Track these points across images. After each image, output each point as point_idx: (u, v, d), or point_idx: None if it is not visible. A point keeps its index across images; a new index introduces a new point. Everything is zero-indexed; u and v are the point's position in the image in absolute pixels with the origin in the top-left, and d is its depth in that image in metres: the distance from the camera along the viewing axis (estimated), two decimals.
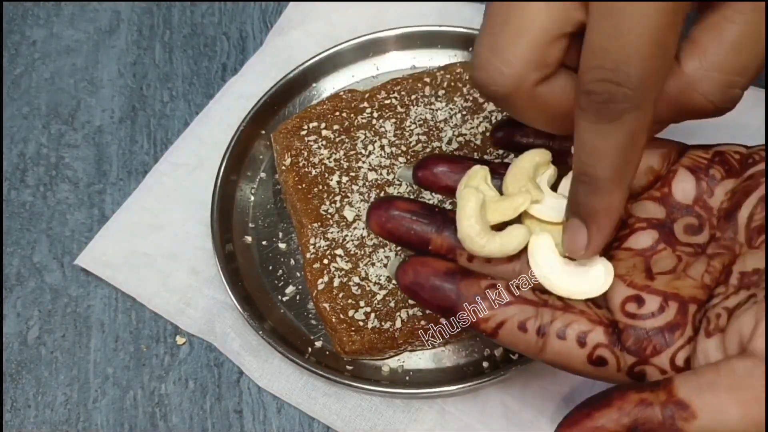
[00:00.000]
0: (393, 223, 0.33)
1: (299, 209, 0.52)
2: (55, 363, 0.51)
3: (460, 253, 0.33)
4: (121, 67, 0.64)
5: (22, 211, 0.58)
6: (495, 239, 0.32)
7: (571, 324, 0.31)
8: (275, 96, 0.58)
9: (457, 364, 0.48)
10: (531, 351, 0.31)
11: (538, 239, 0.33)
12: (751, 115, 0.54)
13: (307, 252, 0.50)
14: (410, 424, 0.46)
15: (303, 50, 0.60)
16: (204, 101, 0.61)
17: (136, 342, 0.52)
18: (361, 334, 0.47)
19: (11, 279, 0.55)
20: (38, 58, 0.65)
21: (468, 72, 0.55)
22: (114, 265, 0.53)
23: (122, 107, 0.62)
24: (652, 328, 0.30)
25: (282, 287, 0.52)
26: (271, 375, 0.49)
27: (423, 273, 0.32)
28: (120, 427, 0.49)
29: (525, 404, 0.46)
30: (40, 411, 0.50)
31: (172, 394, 0.50)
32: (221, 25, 0.66)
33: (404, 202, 0.34)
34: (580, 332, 0.31)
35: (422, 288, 0.32)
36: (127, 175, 0.59)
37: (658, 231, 0.33)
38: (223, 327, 0.50)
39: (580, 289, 0.31)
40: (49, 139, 0.61)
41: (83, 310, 0.53)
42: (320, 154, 0.54)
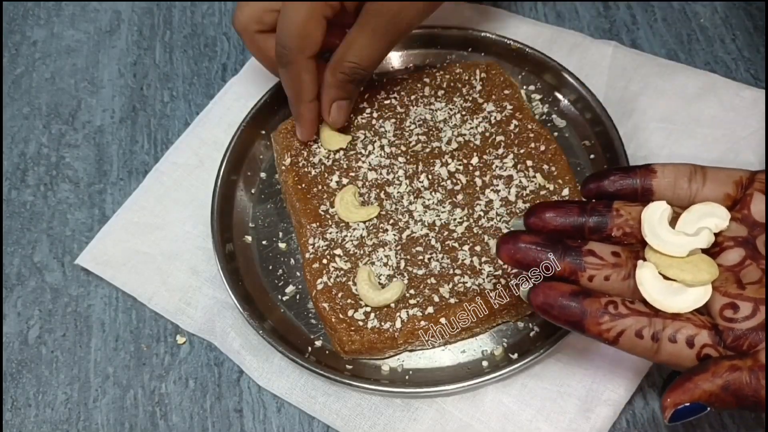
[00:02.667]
0: (521, 254, 0.39)
1: (298, 209, 0.52)
2: (56, 362, 0.52)
3: (581, 274, 0.39)
4: (121, 67, 0.64)
5: (23, 210, 0.58)
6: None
7: (680, 329, 0.37)
8: (275, 96, 0.58)
9: (457, 363, 0.48)
10: (647, 354, 0.37)
11: (643, 271, 0.38)
12: (751, 115, 0.54)
13: (306, 252, 0.50)
14: (410, 423, 0.47)
15: None
16: (204, 101, 0.61)
17: (136, 341, 0.52)
18: (360, 334, 0.47)
19: (12, 278, 0.55)
20: (39, 58, 0.65)
21: (447, 67, 0.57)
22: (114, 264, 0.54)
23: (123, 107, 0.62)
24: (747, 328, 0.37)
25: (282, 287, 0.52)
26: (271, 374, 0.49)
27: (552, 295, 0.38)
28: (120, 426, 0.49)
29: (524, 404, 0.46)
30: (40, 410, 0.50)
31: (173, 394, 0.50)
32: (221, 25, 0.66)
33: (528, 235, 0.40)
34: (688, 336, 0.37)
35: (552, 307, 0.38)
36: (127, 174, 0.59)
37: (743, 248, 0.39)
38: (224, 326, 0.50)
39: (684, 305, 0.38)
40: (50, 138, 0.61)
41: (84, 309, 0.53)
42: (320, 154, 0.54)
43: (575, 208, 0.41)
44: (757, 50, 0.59)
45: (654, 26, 0.61)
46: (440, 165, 0.52)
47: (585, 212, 0.40)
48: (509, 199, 0.51)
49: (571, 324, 0.38)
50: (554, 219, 0.40)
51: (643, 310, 0.38)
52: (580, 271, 0.39)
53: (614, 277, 0.39)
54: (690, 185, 0.40)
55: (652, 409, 0.47)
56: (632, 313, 0.37)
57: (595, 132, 0.55)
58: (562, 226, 0.40)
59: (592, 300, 0.38)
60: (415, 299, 0.48)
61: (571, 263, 0.39)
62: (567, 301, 0.38)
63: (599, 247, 0.39)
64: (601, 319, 0.37)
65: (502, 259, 0.40)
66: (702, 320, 0.37)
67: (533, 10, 0.63)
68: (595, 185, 0.42)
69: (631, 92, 0.56)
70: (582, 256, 0.39)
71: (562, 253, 0.39)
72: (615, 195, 0.41)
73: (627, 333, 0.37)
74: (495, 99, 0.55)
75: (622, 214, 0.40)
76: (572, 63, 0.57)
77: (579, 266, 0.39)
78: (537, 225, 0.41)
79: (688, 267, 0.38)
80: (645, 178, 0.41)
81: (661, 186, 0.40)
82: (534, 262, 0.39)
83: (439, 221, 0.50)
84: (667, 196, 0.40)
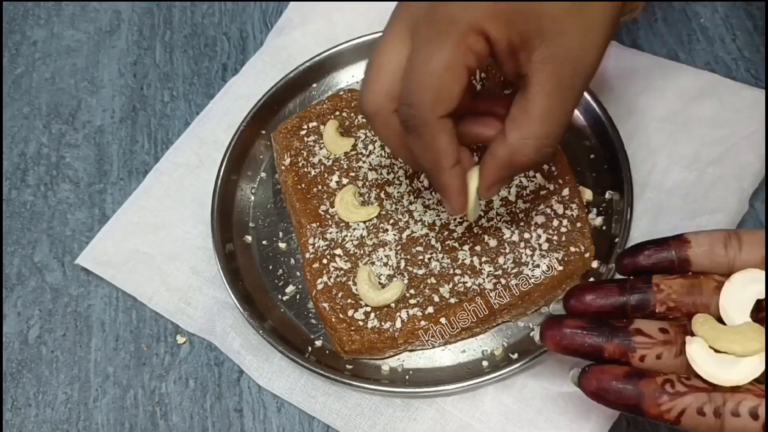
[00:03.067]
0: (568, 340, 0.38)
1: (298, 209, 0.52)
2: (56, 362, 0.52)
3: (631, 355, 0.38)
4: (121, 67, 0.64)
5: (23, 210, 0.58)
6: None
7: (741, 402, 0.36)
8: (275, 96, 0.58)
9: (457, 363, 0.48)
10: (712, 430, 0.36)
11: (693, 346, 0.37)
12: (751, 115, 0.54)
13: (306, 252, 0.50)
14: (410, 423, 0.47)
15: (303, 50, 0.60)
16: (204, 101, 0.61)
17: (136, 341, 0.52)
18: (360, 334, 0.47)
19: (12, 278, 0.55)
20: (39, 58, 0.65)
21: None
22: (114, 264, 0.54)
23: (123, 107, 0.62)
24: None
25: (282, 287, 0.52)
26: (272, 374, 0.49)
27: (605, 379, 0.37)
28: (120, 426, 0.49)
29: (524, 404, 0.46)
30: (40, 410, 0.50)
31: (173, 393, 0.50)
32: (222, 25, 0.66)
33: (573, 320, 0.38)
34: (750, 408, 0.35)
35: (607, 392, 0.37)
36: (127, 174, 0.59)
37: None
38: (224, 326, 0.50)
39: (741, 376, 0.36)
40: (50, 138, 0.61)
41: (84, 309, 0.53)
42: (320, 154, 0.54)
43: (615, 287, 0.39)
44: (757, 50, 0.59)
45: (654, 26, 0.61)
46: None
47: (625, 291, 0.39)
48: (509, 198, 0.51)
49: (629, 408, 0.36)
50: (595, 300, 0.39)
51: (701, 386, 0.36)
52: (630, 352, 0.37)
53: (666, 354, 0.38)
54: (727, 252, 0.39)
55: None
56: (690, 390, 0.36)
57: (595, 132, 0.54)
58: (603, 308, 0.39)
59: (647, 381, 0.36)
60: (415, 299, 0.48)
61: (620, 345, 0.37)
62: (622, 384, 0.36)
63: (646, 325, 0.38)
64: (660, 400, 0.36)
65: (548, 347, 0.38)
66: (761, 389, 0.36)
67: None
68: (631, 261, 0.40)
69: (631, 92, 0.56)
70: (630, 336, 0.38)
71: (609, 335, 0.38)
72: (651, 269, 0.40)
73: (688, 411, 0.36)
74: None
75: (663, 289, 0.39)
76: None
77: (629, 347, 0.37)
78: (578, 308, 0.39)
79: (737, 338, 0.37)
80: (679, 249, 0.39)
81: (698, 255, 0.39)
82: (582, 347, 0.38)
83: (439, 221, 0.50)
84: (705, 264, 0.39)
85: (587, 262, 0.48)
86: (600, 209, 0.52)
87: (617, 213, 0.51)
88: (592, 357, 0.38)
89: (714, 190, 0.51)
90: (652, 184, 0.52)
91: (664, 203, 0.51)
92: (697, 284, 0.39)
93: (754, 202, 0.52)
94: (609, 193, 0.52)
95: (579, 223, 0.49)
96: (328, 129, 0.54)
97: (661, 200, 0.52)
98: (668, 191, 0.52)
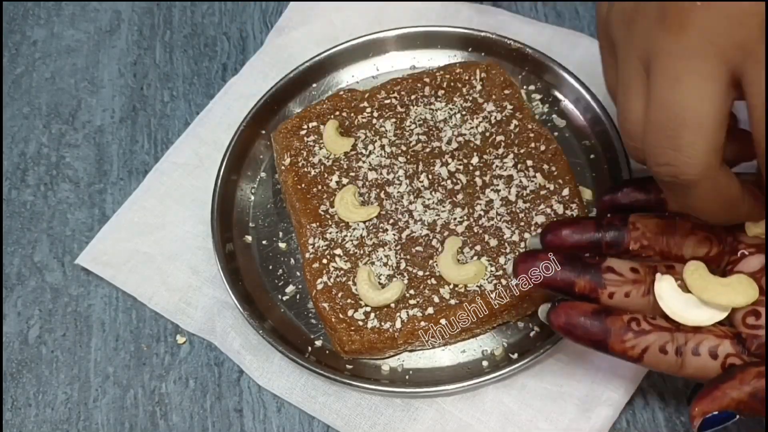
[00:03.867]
0: (540, 273, 0.39)
1: (298, 209, 0.52)
2: (56, 362, 0.52)
3: (601, 292, 0.38)
4: (121, 66, 0.64)
5: (23, 210, 0.58)
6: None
7: (702, 342, 0.37)
8: (275, 96, 0.58)
9: (457, 363, 0.48)
10: (672, 370, 0.37)
11: (661, 284, 0.38)
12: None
13: (306, 252, 0.50)
14: (410, 423, 0.47)
15: (303, 50, 0.60)
16: (204, 101, 0.61)
17: (136, 341, 0.52)
18: (360, 334, 0.47)
19: (12, 278, 0.55)
20: (39, 57, 0.65)
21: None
22: (114, 264, 0.54)
23: (123, 107, 0.62)
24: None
25: (282, 286, 0.52)
26: (271, 374, 0.49)
27: (573, 315, 0.38)
28: (120, 426, 0.49)
29: (524, 404, 0.46)
30: (40, 410, 0.50)
31: (173, 393, 0.50)
32: (221, 25, 0.66)
33: (545, 253, 0.39)
34: (710, 347, 0.36)
35: (575, 327, 0.37)
36: (127, 174, 0.59)
37: (764, 254, 0.38)
38: (224, 326, 0.50)
39: (705, 317, 0.37)
40: (50, 138, 0.61)
41: (84, 309, 0.53)
42: (320, 154, 0.54)
43: (591, 223, 0.40)
44: None
45: None
46: (440, 165, 0.52)
47: (601, 228, 0.40)
48: (509, 198, 0.51)
49: (595, 343, 0.37)
50: (571, 236, 0.40)
51: (665, 325, 0.37)
52: (600, 289, 0.38)
53: (634, 293, 0.38)
54: None
55: (652, 409, 0.47)
56: (654, 329, 0.37)
57: (595, 132, 0.55)
58: (579, 243, 0.40)
59: (614, 318, 0.37)
60: (415, 299, 0.48)
61: (591, 280, 0.38)
62: (590, 320, 0.37)
63: (618, 263, 0.39)
64: (625, 337, 0.37)
65: (520, 279, 0.39)
66: (723, 330, 0.37)
67: (533, 10, 0.63)
68: (609, 198, 0.41)
69: None
70: (601, 273, 0.38)
71: (581, 270, 0.38)
72: (630, 207, 0.41)
73: (651, 349, 0.37)
74: (495, 99, 0.55)
75: (639, 227, 0.39)
76: (572, 63, 0.57)
77: (599, 283, 0.38)
78: (554, 242, 0.40)
79: (725, 290, 0.37)
80: (659, 190, 0.40)
81: None
82: (553, 280, 0.39)
83: (440, 221, 0.50)
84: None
85: None
86: None
87: None
88: (563, 291, 0.39)
89: None
90: None
91: None
92: (672, 224, 0.39)
93: None
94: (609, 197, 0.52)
95: None
96: (328, 129, 0.54)
97: None
98: None
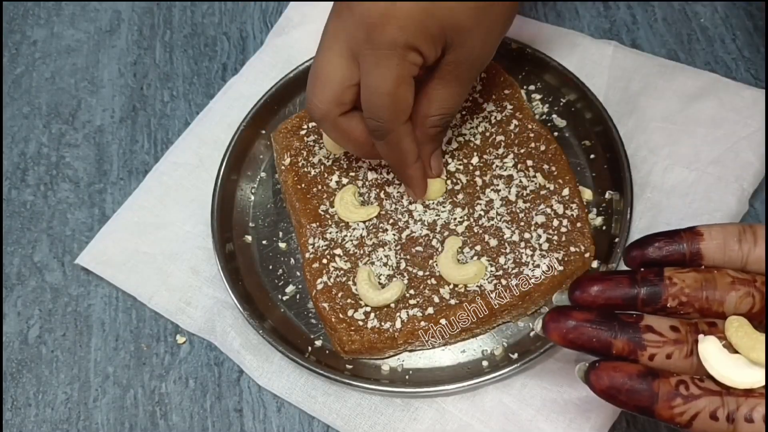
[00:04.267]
0: (575, 333, 0.36)
1: (298, 209, 0.52)
2: (56, 362, 0.52)
3: (641, 354, 0.36)
4: (121, 66, 0.64)
5: (23, 210, 0.58)
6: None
7: (755, 408, 0.34)
8: (275, 96, 0.58)
9: (457, 363, 0.48)
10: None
11: (706, 345, 0.36)
12: (751, 115, 0.54)
13: (306, 252, 0.50)
14: (410, 422, 0.47)
15: (303, 50, 0.60)
16: (204, 101, 0.61)
17: (136, 341, 0.52)
18: (360, 334, 0.47)
19: (12, 278, 0.55)
20: (39, 57, 0.65)
21: None
22: (114, 264, 0.54)
23: (123, 107, 0.62)
24: None
25: (282, 286, 0.52)
26: (271, 374, 0.49)
27: (618, 378, 0.35)
28: (120, 425, 0.49)
29: (524, 403, 0.46)
30: (40, 410, 0.50)
31: (173, 393, 0.50)
32: (221, 25, 0.66)
33: (579, 312, 0.37)
34: (764, 414, 0.34)
35: (619, 392, 0.35)
36: (127, 174, 0.59)
37: None
38: (224, 326, 0.50)
39: (756, 378, 0.35)
40: (50, 138, 0.61)
41: (84, 309, 0.53)
42: (320, 154, 0.54)
43: (625, 279, 0.38)
44: (757, 50, 0.59)
45: (654, 26, 0.61)
46: None
47: (636, 283, 0.37)
48: (510, 198, 0.51)
49: (640, 409, 0.35)
50: (602, 293, 0.37)
51: (715, 389, 0.35)
52: (640, 350, 0.36)
53: (676, 354, 0.36)
54: (741, 246, 0.37)
55: None
56: (704, 393, 0.34)
57: (595, 132, 0.55)
58: (611, 301, 0.37)
59: (661, 381, 0.35)
60: (415, 299, 0.48)
61: (630, 341, 0.36)
62: (636, 384, 0.34)
63: (657, 321, 0.36)
64: (674, 403, 0.34)
65: (553, 339, 0.37)
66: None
67: (533, 10, 0.63)
68: (639, 253, 0.39)
69: (631, 92, 0.56)
70: (641, 332, 0.36)
71: (618, 330, 0.36)
72: (661, 262, 0.38)
73: (701, 416, 0.34)
74: (495, 99, 0.55)
75: (676, 282, 0.37)
76: (572, 63, 0.57)
77: (639, 344, 0.36)
78: (584, 301, 0.37)
79: None
80: (692, 242, 0.38)
81: (710, 249, 0.38)
82: (589, 341, 0.36)
83: (440, 221, 0.50)
84: (717, 258, 0.38)
85: (587, 262, 0.48)
86: (600, 209, 0.52)
87: (617, 213, 0.51)
88: (599, 353, 0.36)
89: (714, 190, 0.51)
90: (652, 184, 0.52)
91: (664, 203, 0.51)
92: (711, 279, 0.37)
93: (754, 202, 0.52)
94: (609, 193, 0.52)
95: (579, 223, 0.49)
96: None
97: (660, 200, 0.52)
98: (668, 191, 0.52)
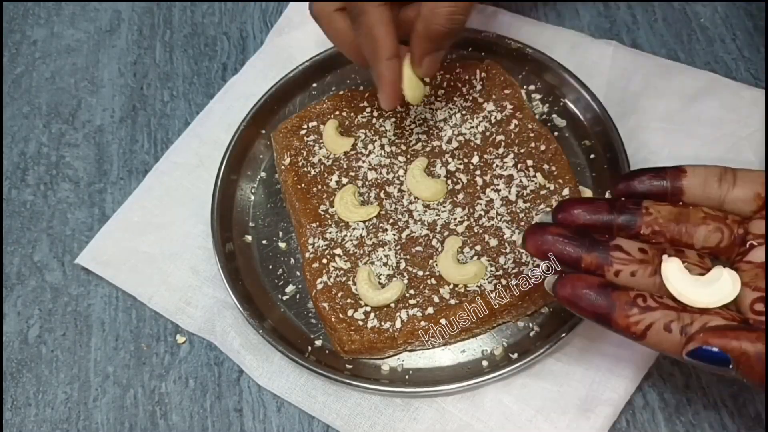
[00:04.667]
0: (548, 245, 0.39)
1: (298, 209, 0.52)
2: (56, 362, 0.52)
3: (607, 269, 0.38)
4: (121, 66, 0.64)
5: (23, 210, 0.58)
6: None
7: (708, 323, 0.36)
8: (275, 96, 0.58)
9: (457, 363, 0.48)
10: (674, 350, 0.36)
11: (668, 265, 0.38)
12: (751, 115, 0.54)
13: (306, 252, 0.50)
14: (410, 422, 0.47)
15: (303, 50, 0.60)
16: (204, 101, 0.61)
17: (136, 341, 0.52)
18: (360, 334, 0.47)
19: (12, 278, 0.55)
20: (39, 57, 0.65)
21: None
22: (114, 264, 0.54)
23: (123, 107, 0.62)
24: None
25: (282, 286, 0.52)
26: (271, 374, 0.49)
27: (579, 286, 0.37)
28: (120, 425, 0.49)
29: (523, 403, 0.46)
30: (40, 409, 0.50)
31: (173, 393, 0.50)
32: (222, 24, 0.66)
33: (556, 227, 0.39)
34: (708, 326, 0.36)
35: (579, 299, 0.37)
36: (127, 174, 0.59)
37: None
38: (224, 326, 0.50)
39: (714, 299, 0.37)
40: (50, 138, 0.61)
41: (84, 308, 0.53)
42: (320, 154, 0.54)
43: (605, 205, 0.41)
44: (757, 50, 0.59)
45: (654, 26, 0.61)
46: (440, 164, 0.52)
47: (614, 209, 0.40)
48: (510, 198, 0.51)
49: (598, 317, 0.37)
50: (583, 215, 0.40)
51: (672, 304, 0.37)
52: (606, 266, 0.38)
53: (640, 272, 0.38)
54: (720, 185, 0.40)
55: (652, 409, 0.47)
56: (661, 306, 0.37)
57: (595, 132, 0.55)
58: (590, 223, 0.40)
59: (620, 293, 0.37)
60: (415, 299, 0.48)
61: (598, 257, 0.38)
62: (595, 292, 0.37)
63: (626, 243, 0.39)
64: (630, 312, 0.36)
65: (529, 250, 0.39)
66: (731, 314, 0.37)
67: (533, 10, 0.63)
68: (625, 184, 0.41)
69: (631, 92, 0.56)
70: (609, 250, 0.38)
71: (589, 246, 0.39)
72: (645, 195, 0.41)
73: (655, 326, 0.36)
74: (495, 99, 0.55)
75: (652, 213, 0.40)
76: (572, 63, 0.57)
77: (605, 260, 0.38)
78: (566, 220, 0.40)
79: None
80: (675, 178, 0.41)
81: (692, 186, 0.40)
82: (561, 253, 0.39)
83: (440, 221, 0.50)
84: (697, 195, 0.40)
85: None
86: None
87: None
88: (569, 265, 0.39)
89: None
90: None
91: None
92: (685, 213, 0.40)
93: None
94: (609, 193, 0.52)
95: None
96: (328, 128, 0.54)
97: None
98: None
